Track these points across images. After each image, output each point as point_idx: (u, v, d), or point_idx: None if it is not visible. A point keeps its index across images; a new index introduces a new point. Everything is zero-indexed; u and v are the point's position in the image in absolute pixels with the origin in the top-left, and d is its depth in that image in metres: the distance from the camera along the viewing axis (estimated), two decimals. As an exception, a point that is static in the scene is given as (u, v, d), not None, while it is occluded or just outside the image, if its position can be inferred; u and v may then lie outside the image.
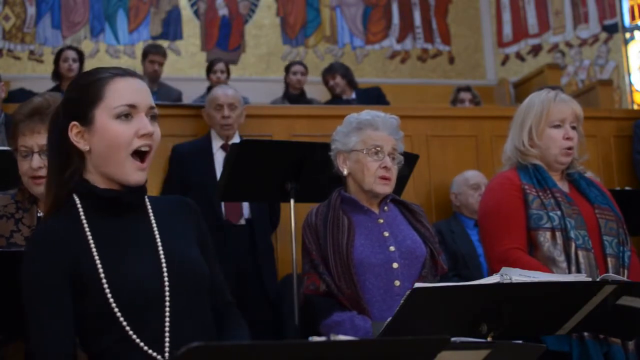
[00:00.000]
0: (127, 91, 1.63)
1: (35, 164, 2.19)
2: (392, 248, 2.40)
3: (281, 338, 3.74)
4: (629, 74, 7.90)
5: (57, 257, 1.58)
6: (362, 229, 2.43)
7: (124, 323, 1.55)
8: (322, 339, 1.18)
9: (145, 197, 1.73)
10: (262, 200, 3.86)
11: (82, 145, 1.64)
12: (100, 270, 1.57)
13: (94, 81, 1.65)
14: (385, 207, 2.52)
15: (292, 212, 3.26)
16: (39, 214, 2.25)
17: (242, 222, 3.96)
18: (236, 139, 4.01)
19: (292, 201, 3.26)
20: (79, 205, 1.64)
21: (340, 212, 2.44)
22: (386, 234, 2.44)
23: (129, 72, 1.68)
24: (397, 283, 2.36)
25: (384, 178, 2.46)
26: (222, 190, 3.32)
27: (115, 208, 1.66)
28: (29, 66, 7.30)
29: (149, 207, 1.72)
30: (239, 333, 1.76)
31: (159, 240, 1.66)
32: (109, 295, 1.55)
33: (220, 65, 6.08)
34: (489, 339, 1.80)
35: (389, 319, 1.80)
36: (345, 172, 2.52)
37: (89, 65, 5.96)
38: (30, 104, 2.24)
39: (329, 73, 6.21)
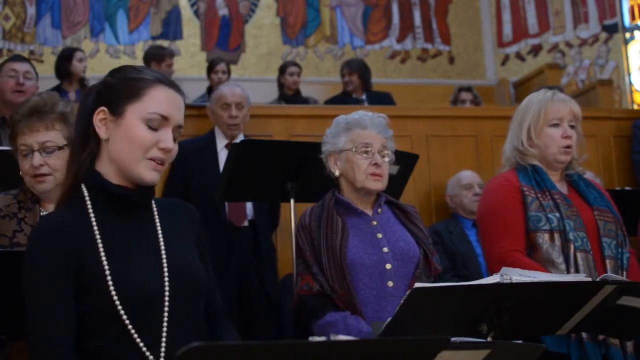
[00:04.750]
0: (164, 101, 1.64)
1: (36, 162, 2.20)
2: (385, 249, 2.40)
3: (282, 338, 3.75)
4: (629, 74, 7.90)
5: (62, 250, 1.56)
6: (355, 231, 2.43)
7: (127, 322, 1.54)
8: (322, 339, 1.18)
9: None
10: (262, 200, 3.85)
11: (102, 131, 1.64)
12: (106, 267, 1.56)
13: (138, 78, 1.65)
14: (379, 209, 2.53)
15: (292, 212, 3.25)
16: (41, 213, 2.25)
17: (245, 223, 3.95)
18: (241, 139, 3.99)
19: (292, 201, 3.26)
20: (87, 198, 1.63)
21: (334, 213, 2.45)
22: (379, 235, 2.44)
23: (173, 84, 1.69)
24: (391, 284, 2.36)
25: (375, 174, 2.46)
26: (223, 190, 3.32)
27: (124, 205, 1.66)
28: (29, 66, 7.30)
29: (155, 208, 1.72)
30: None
31: (162, 242, 1.66)
32: (113, 293, 1.54)
33: (221, 66, 6.07)
34: (489, 339, 1.80)
35: (389, 319, 1.80)
36: (337, 173, 2.53)
37: (90, 66, 5.97)
38: (28, 103, 2.24)
39: (347, 68, 6.13)
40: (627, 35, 8.02)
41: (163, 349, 1.57)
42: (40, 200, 2.28)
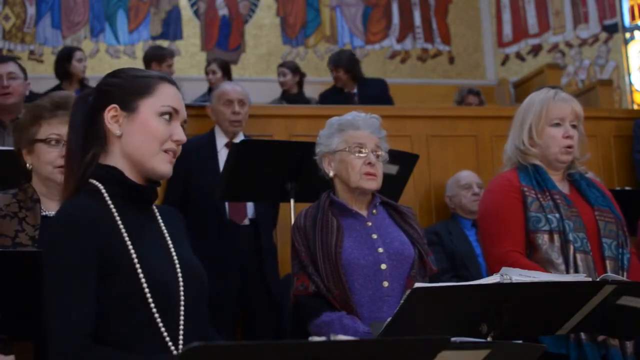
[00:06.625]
0: (174, 96, 1.73)
1: None
2: (380, 250, 2.42)
3: (282, 338, 3.75)
4: (629, 74, 7.90)
5: (87, 234, 1.57)
6: (350, 232, 2.44)
7: (153, 307, 1.56)
8: (322, 338, 1.18)
9: None
10: (262, 200, 3.85)
11: (115, 128, 1.67)
12: (132, 251, 1.58)
13: (146, 76, 1.74)
14: (374, 210, 2.53)
15: (292, 212, 3.25)
16: (42, 213, 2.25)
17: (246, 222, 3.95)
18: (241, 138, 3.99)
19: (292, 201, 3.27)
20: (104, 191, 1.65)
21: (329, 214, 2.46)
22: (374, 236, 2.45)
23: (174, 82, 1.77)
24: (386, 284, 2.38)
25: (369, 174, 2.47)
26: (223, 190, 3.33)
27: (137, 201, 1.70)
28: (29, 66, 7.25)
29: (155, 209, 1.76)
30: None
31: (169, 240, 1.70)
32: (141, 276, 1.56)
33: (212, 66, 6.03)
34: (489, 339, 1.80)
35: (389, 319, 1.80)
36: (331, 174, 2.54)
37: (90, 66, 5.96)
38: (54, 96, 2.30)
39: (333, 64, 5.99)
40: (627, 35, 8.01)
41: (181, 339, 1.60)
42: (40, 199, 2.27)
